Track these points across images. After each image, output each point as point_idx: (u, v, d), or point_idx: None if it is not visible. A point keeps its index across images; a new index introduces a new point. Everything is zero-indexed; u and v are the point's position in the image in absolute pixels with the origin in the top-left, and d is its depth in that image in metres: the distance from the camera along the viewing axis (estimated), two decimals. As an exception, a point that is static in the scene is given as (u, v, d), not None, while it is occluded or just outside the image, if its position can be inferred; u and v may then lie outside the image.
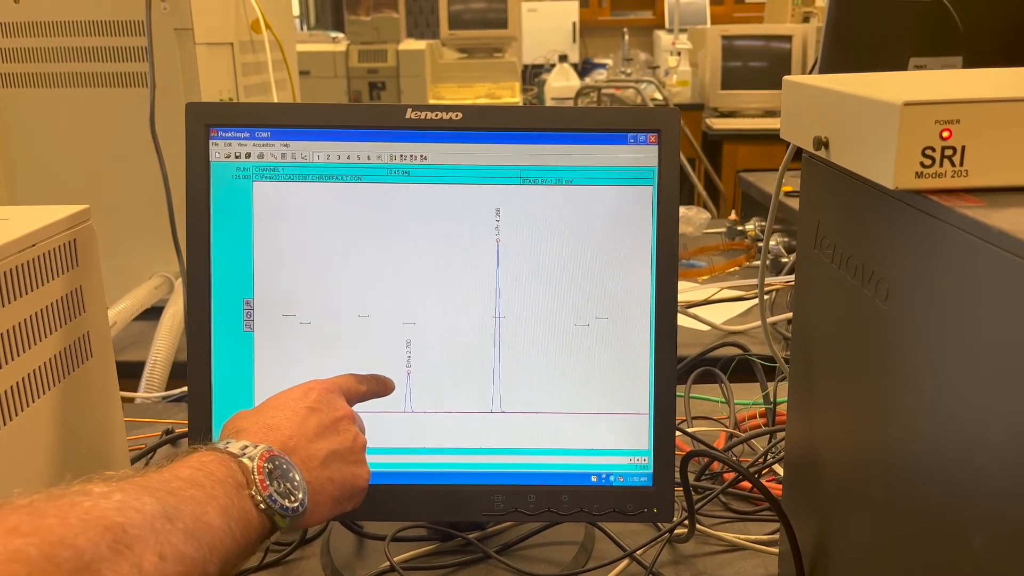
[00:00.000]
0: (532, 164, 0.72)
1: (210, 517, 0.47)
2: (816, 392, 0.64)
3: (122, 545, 0.40)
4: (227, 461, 0.52)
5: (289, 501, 0.53)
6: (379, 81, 3.16)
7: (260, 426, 0.58)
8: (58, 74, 1.31)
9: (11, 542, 0.36)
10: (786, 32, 3.43)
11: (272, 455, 0.54)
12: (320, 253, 0.72)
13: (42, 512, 0.39)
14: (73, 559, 0.37)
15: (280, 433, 0.57)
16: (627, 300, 0.72)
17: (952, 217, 0.43)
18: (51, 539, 0.37)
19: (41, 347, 0.63)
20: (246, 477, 0.51)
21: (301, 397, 0.61)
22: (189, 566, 0.44)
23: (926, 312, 0.46)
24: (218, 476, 0.50)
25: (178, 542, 0.43)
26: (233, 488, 0.50)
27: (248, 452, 0.53)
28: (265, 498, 0.51)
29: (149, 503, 0.43)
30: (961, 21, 1.35)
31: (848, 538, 0.58)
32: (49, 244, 0.64)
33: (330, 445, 0.59)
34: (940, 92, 0.45)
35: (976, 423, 0.41)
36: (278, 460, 0.54)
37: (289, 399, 0.61)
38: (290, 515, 0.53)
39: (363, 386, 0.67)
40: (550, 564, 0.77)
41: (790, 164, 0.79)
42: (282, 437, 0.57)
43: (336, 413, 0.61)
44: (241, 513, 0.50)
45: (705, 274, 1.54)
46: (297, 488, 0.54)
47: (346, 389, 0.65)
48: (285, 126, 0.71)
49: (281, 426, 0.58)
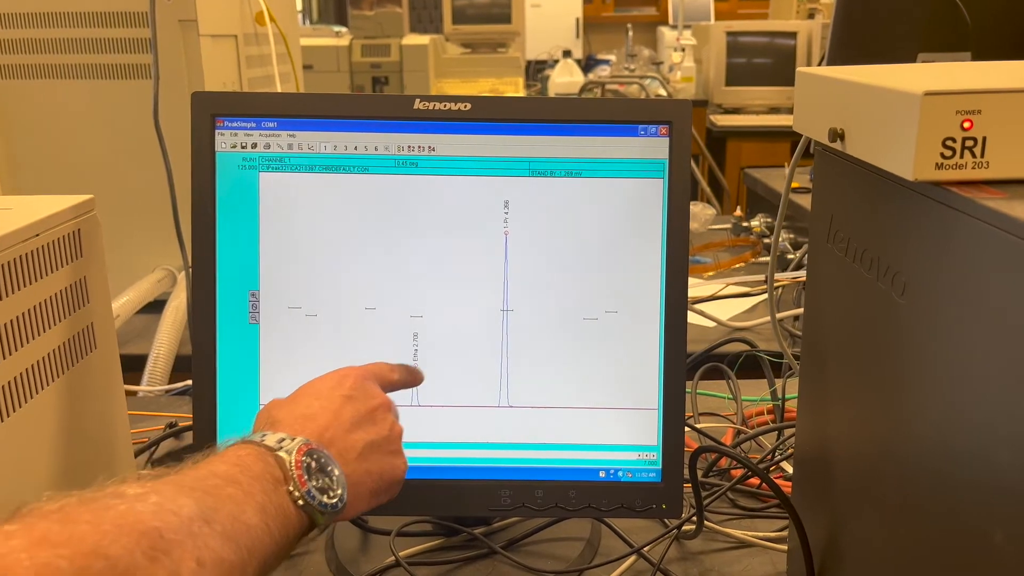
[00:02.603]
0: (541, 156, 0.71)
1: (248, 516, 0.45)
2: (828, 388, 0.64)
3: (159, 552, 0.38)
4: (264, 456, 0.50)
5: (328, 497, 0.51)
6: (382, 76, 3.15)
7: (296, 416, 0.56)
8: (62, 65, 1.30)
9: (40, 554, 0.34)
10: (791, 28, 3.42)
11: (310, 448, 0.52)
12: (326, 245, 0.71)
13: (73, 518, 0.37)
14: (107, 570, 0.36)
15: (316, 424, 0.56)
16: (637, 294, 0.71)
17: (973, 209, 0.42)
18: (83, 549, 0.36)
19: (45, 338, 0.62)
20: (284, 473, 0.50)
21: (336, 385, 0.59)
22: (228, 570, 0.42)
23: (945, 306, 0.45)
24: (255, 472, 0.48)
25: (216, 546, 0.42)
26: (271, 484, 0.49)
27: (285, 446, 0.51)
28: (303, 494, 0.50)
29: (186, 505, 0.42)
30: (970, 16, 1.34)
31: (860, 534, 0.58)
32: (53, 234, 0.64)
33: (367, 436, 0.57)
34: (960, 82, 0.44)
35: (996, 418, 0.41)
36: (316, 454, 0.52)
37: (324, 387, 0.59)
38: (329, 511, 0.51)
39: (395, 375, 0.65)
40: (556, 560, 0.77)
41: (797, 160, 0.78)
42: (319, 428, 0.55)
43: (372, 402, 0.59)
44: (279, 511, 0.48)
45: (711, 270, 1.53)
46: (336, 483, 0.52)
47: (379, 377, 0.63)
48: (292, 116, 0.71)
49: (317, 416, 0.56)
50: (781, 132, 3.16)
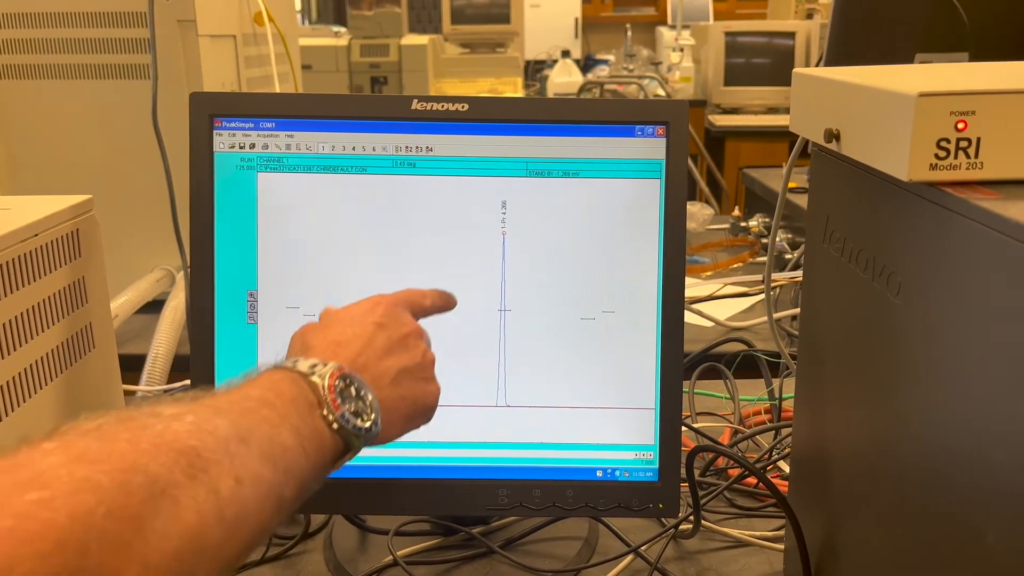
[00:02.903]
0: (539, 156, 0.71)
1: (284, 438, 0.45)
2: (824, 387, 0.64)
3: (197, 470, 0.38)
4: (297, 380, 0.49)
5: (362, 420, 0.51)
6: (381, 76, 3.15)
7: (328, 342, 0.55)
8: (60, 66, 1.30)
9: (79, 470, 0.34)
10: (789, 28, 3.42)
11: (343, 373, 0.51)
12: (324, 245, 0.72)
13: (112, 436, 0.37)
14: (147, 485, 0.35)
15: (349, 350, 0.55)
16: (634, 294, 0.72)
17: (967, 209, 0.42)
18: (122, 465, 0.35)
19: (43, 338, 0.63)
20: (317, 397, 0.49)
21: (368, 312, 0.58)
22: (267, 489, 0.42)
23: (940, 306, 0.45)
24: (289, 396, 0.48)
25: (254, 465, 0.42)
26: (305, 408, 0.48)
27: (318, 371, 0.50)
28: (338, 418, 0.49)
29: (222, 425, 0.42)
30: (967, 17, 1.34)
31: (856, 533, 0.58)
32: (52, 234, 0.64)
33: (400, 362, 0.57)
34: (955, 83, 0.44)
35: (992, 418, 0.41)
36: (349, 378, 0.52)
37: (357, 313, 0.58)
38: (363, 435, 0.51)
39: (427, 301, 0.64)
40: (554, 559, 0.77)
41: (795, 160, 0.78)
42: (351, 355, 0.55)
43: (404, 329, 0.59)
44: (314, 433, 0.48)
45: (709, 270, 1.53)
46: (370, 407, 0.52)
47: (411, 304, 0.62)
48: (290, 117, 0.71)
49: (350, 343, 0.55)
50: (779, 132, 3.16)
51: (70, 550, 0.31)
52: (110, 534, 0.33)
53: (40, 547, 0.31)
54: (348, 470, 0.73)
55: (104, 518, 0.33)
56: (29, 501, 0.32)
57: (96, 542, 0.32)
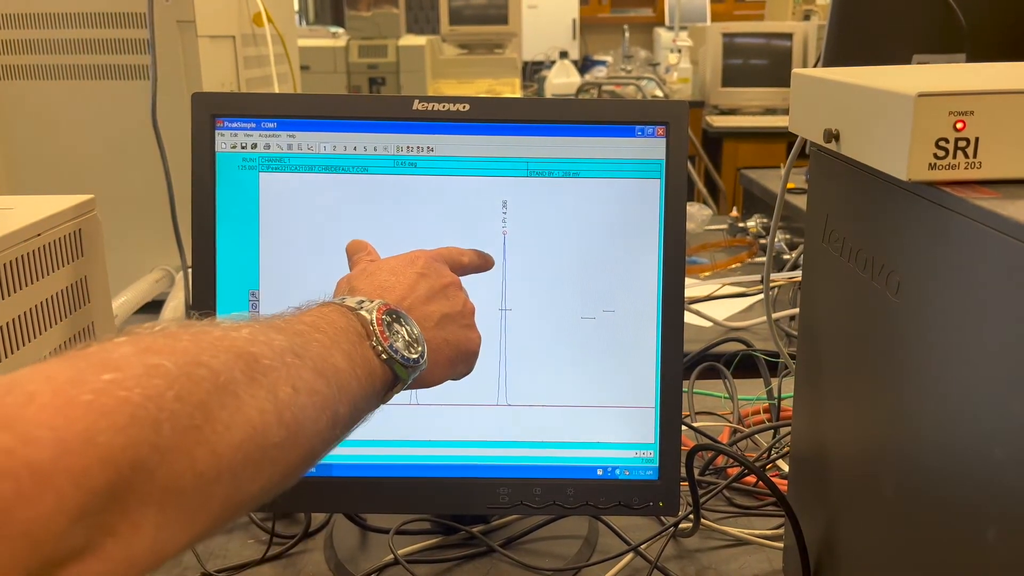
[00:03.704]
0: (539, 156, 0.71)
1: (336, 359, 0.46)
2: (824, 386, 0.64)
3: (257, 372, 0.40)
4: (346, 313, 0.51)
5: (410, 352, 0.52)
6: (379, 76, 3.16)
7: (373, 286, 0.57)
8: (60, 66, 1.30)
9: (149, 359, 0.36)
10: (787, 30, 3.43)
11: (389, 308, 0.53)
12: (326, 244, 0.72)
13: (175, 335, 0.38)
14: (210, 378, 0.37)
15: (394, 294, 0.56)
16: (634, 293, 0.72)
17: (966, 208, 0.42)
18: (187, 359, 0.37)
19: (45, 337, 0.63)
20: (366, 329, 0.50)
21: (409, 264, 0.60)
22: (322, 401, 0.44)
23: (939, 305, 0.46)
24: (340, 325, 0.49)
25: (309, 377, 0.43)
26: (355, 337, 0.49)
27: (366, 306, 0.52)
28: (386, 348, 0.50)
29: (278, 339, 0.43)
30: (964, 18, 1.34)
31: (855, 532, 0.58)
32: (54, 234, 0.64)
33: (442, 308, 0.58)
34: (953, 84, 0.45)
35: (991, 416, 0.41)
36: (396, 313, 0.53)
37: (398, 264, 0.60)
38: (411, 366, 0.52)
39: (465, 258, 0.66)
40: (554, 558, 0.77)
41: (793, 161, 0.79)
42: (396, 297, 0.56)
43: (444, 280, 0.60)
44: (364, 361, 0.49)
45: (707, 270, 1.54)
46: (417, 341, 0.53)
47: (449, 259, 0.64)
48: (291, 117, 0.71)
49: (394, 287, 0.57)
50: (777, 133, 3.17)
51: (146, 425, 0.33)
52: (180, 416, 0.35)
53: (117, 420, 0.32)
54: (348, 469, 0.73)
55: (174, 400, 0.35)
56: (105, 380, 0.33)
57: (168, 422, 0.34)
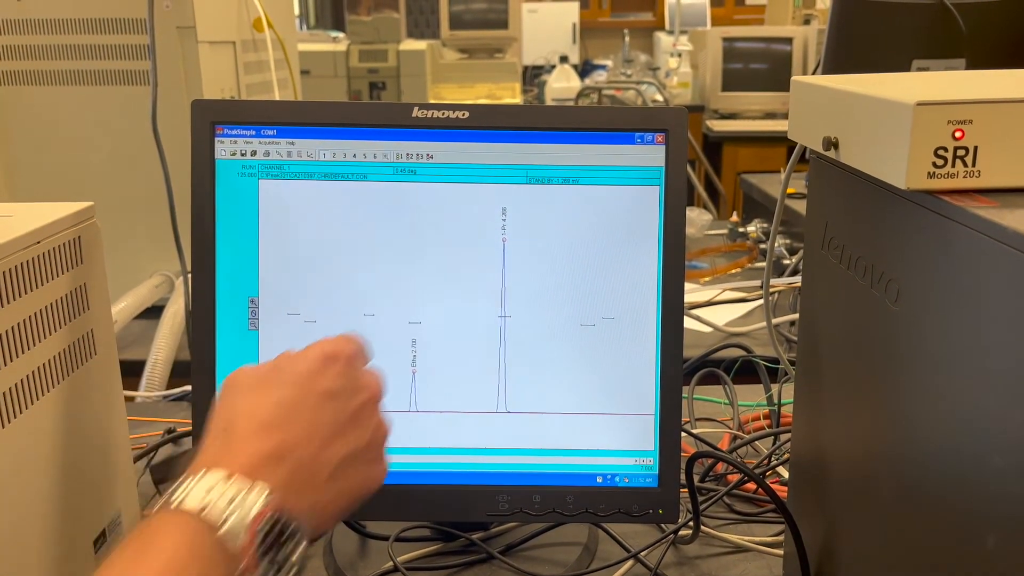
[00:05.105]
0: (539, 163, 0.71)
1: None
2: (823, 393, 0.64)
3: None
4: (204, 540, 0.42)
5: (283, 571, 0.45)
6: (379, 81, 3.16)
7: (255, 426, 0.47)
8: (60, 72, 1.30)
9: None
10: (787, 34, 3.43)
11: (268, 513, 0.44)
12: (325, 251, 0.72)
13: None
14: None
15: (283, 442, 0.47)
16: (633, 300, 0.72)
17: (965, 217, 0.42)
18: None
19: (45, 345, 0.63)
20: (233, 553, 0.43)
21: (318, 373, 0.51)
22: None
23: (938, 313, 0.46)
24: (184, 562, 0.41)
25: None
26: (221, 568, 0.42)
27: (234, 515, 0.43)
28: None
29: None
30: (964, 23, 1.35)
31: (855, 539, 0.58)
32: (53, 241, 0.64)
33: (346, 447, 0.50)
34: (952, 92, 0.45)
35: (990, 424, 0.41)
36: (275, 518, 0.45)
37: (303, 374, 0.51)
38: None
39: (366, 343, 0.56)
40: (554, 565, 0.77)
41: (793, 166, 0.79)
42: (285, 449, 0.47)
43: (359, 397, 0.52)
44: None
45: (707, 275, 1.54)
46: (297, 544, 0.46)
47: (367, 353, 0.55)
48: (291, 124, 0.71)
49: (285, 425, 0.48)
50: (777, 137, 3.16)
51: None
52: None
53: None
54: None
55: None
56: None
57: None
